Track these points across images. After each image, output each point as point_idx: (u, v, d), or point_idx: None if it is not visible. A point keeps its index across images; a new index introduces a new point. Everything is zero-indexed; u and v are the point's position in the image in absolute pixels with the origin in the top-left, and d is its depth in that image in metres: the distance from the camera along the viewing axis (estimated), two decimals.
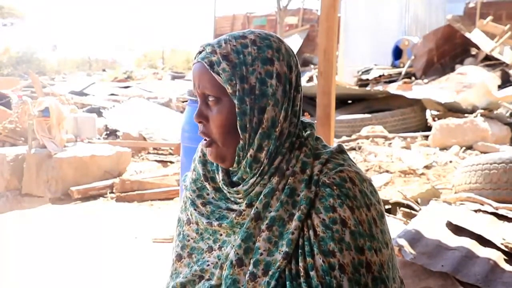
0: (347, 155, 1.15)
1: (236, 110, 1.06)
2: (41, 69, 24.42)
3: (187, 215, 1.21)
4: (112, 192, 5.64)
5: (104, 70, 25.47)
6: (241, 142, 1.07)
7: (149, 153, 7.55)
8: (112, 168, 6.13)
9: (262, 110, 1.06)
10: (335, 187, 1.04)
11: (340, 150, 1.14)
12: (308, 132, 1.13)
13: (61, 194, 5.61)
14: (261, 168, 1.07)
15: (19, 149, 6.12)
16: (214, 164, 1.19)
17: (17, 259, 3.86)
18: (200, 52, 1.11)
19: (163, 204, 5.33)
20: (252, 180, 1.08)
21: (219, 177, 1.15)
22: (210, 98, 1.08)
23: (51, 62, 29.33)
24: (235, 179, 1.12)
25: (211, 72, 1.06)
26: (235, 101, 1.06)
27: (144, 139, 7.86)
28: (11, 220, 4.88)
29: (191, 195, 1.20)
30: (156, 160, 7.10)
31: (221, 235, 1.13)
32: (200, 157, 1.23)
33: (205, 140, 1.11)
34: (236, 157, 1.09)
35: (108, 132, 8.24)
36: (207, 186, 1.18)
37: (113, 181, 5.78)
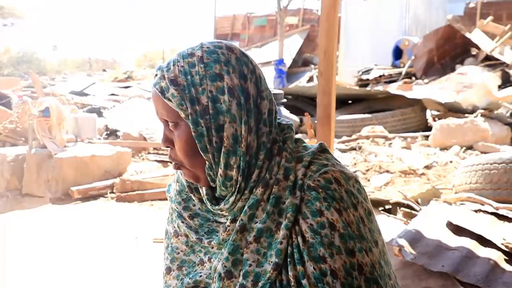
0: (330, 153, 1.12)
1: (193, 133, 1.03)
2: (41, 69, 24.44)
3: (174, 227, 1.19)
4: (112, 192, 5.64)
5: (104, 70, 25.47)
6: (207, 162, 1.05)
7: (149, 153, 7.55)
8: (112, 168, 6.13)
9: (219, 128, 1.03)
10: (320, 190, 1.02)
11: (322, 149, 1.11)
12: (286, 135, 1.10)
13: (62, 194, 5.61)
14: (237, 185, 1.05)
15: (20, 149, 6.13)
16: None
17: (18, 259, 3.86)
18: (156, 76, 1.09)
19: (164, 204, 5.33)
20: (232, 199, 1.06)
21: (203, 191, 1.13)
22: (170, 123, 1.07)
23: (51, 62, 29.36)
24: (217, 194, 1.10)
25: (163, 98, 1.05)
26: (190, 125, 1.03)
27: (145, 139, 7.87)
28: (12, 220, 4.88)
29: (177, 208, 1.18)
30: (156, 160, 7.10)
31: (212, 247, 1.11)
32: None
33: (175, 163, 1.10)
34: (208, 177, 1.07)
35: (108, 132, 8.24)
36: (193, 197, 1.16)
37: (114, 181, 5.78)
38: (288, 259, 1.00)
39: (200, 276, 1.11)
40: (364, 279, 0.99)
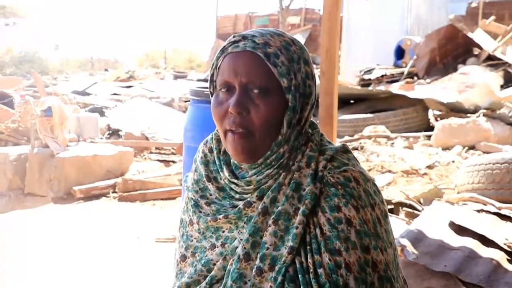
0: (352, 154, 1.15)
1: (290, 104, 1.05)
2: (43, 68, 24.43)
3: (189, 216, 1.20)
4: (114, 192, 5.65)
5: (106, 70, 25.47)
6: (279, 137, 1.06)
7: (151, 152, 7.55)
8: (115, 167, 6.13)
9: (302, 108, 1.08)
10: (339, 187, 1.04)
11: (345, 150, 1.14)
12: (315, 130, 1.14)
13: (64, 193, 5.62)
14: (282, 162, 1.08)
15: (22, 148, 6.14)
16: (217, 163, 1.17)
17: (20, 258, 3.86)
18: (236, 42, 1.08)
19: (166, 203, 5.33)
20: (268, 171, 1.08)
21: (224, 174, 1.14)
22: (255, 90, 1.05)
23: (53, 61, 29.35)
24: (249, 174, 1.11)
25: (267, 63, 1.04)
26: (289, 96, 1.05)
27: (147, 138, 7.87)
28: (14, 219, 4.89)
29: (194, 196, 1.19)
30: (158, 160, 7.11)
31: (223, 231, 1.12)
32: (201, 157, 1.22)
33: (241, 131, 1.06)
34: (269, 152, 1.07)
35: (110, 131, 8.25)
36: (210, 186, 1.17)
37: (116, 180, 5.79)
38: (308, 247, 1.02)
39: (214, 264, 1.12)
40: (377, 276, 1.01)
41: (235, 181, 1.11)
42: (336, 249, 1.00)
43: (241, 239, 1.08)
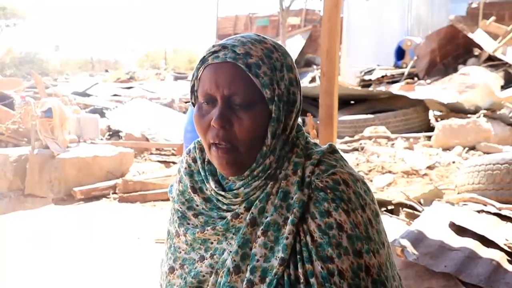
0: (339, 154, 1.12)
1: (273, 115, 1.02)
2: (43, 69, 24.48)
3: (175, 227, 1.18)
4: (114, 193, 5.65)
5: (106, 71, 25.51)
6: (264, 148, 1.04)
7: (151, 153, 7.56)
8: (115, 168, 6.13)
9: (287, 117, 1.05)
10: (329, 191, 1.02)
11: (332, 150, 1.11)
12: (299, 132, 1.11)
13: (64, 194, 5.62)
14: (269, 173, 1.05)
15: (22, 149, 6.14)
16: (202, 174, 1.14)
17: (20, 259, 3.87)
18: (215, 52, 1.04)
19: (166, 204, 5.33)
20: (256, 183, 1.05)
21: (211, 185, 1.11)
22: (238, 102, 1.02)
23: (53, 62, 29.39)
24: (236, 186, 1.08)
25: (249, 74, 1.01)
26: (272, 107, 1.02)
27: (147, 139, 7.87)
28: (14, 220, 4.89)
29: (180, 208, 1.17)
30: (158, 161, 7.11)
31: (211, 243, 1.10)
32: (185, 168, 1.19)
33: (224, 146, 1.03)
34: (254, 164, 1.05)
35: (110, 132, 8.25)
36: (196, 198, 1.15)
37: (116, 181, 5.79)
38: (298, 256, 1.00)
39: (203, 276, 1.10)
40: (371, 280, 1.00)
41: (222, 193, 1.08)
42: (328, 256, 0.98)
43: (230, 251, 1.06)
